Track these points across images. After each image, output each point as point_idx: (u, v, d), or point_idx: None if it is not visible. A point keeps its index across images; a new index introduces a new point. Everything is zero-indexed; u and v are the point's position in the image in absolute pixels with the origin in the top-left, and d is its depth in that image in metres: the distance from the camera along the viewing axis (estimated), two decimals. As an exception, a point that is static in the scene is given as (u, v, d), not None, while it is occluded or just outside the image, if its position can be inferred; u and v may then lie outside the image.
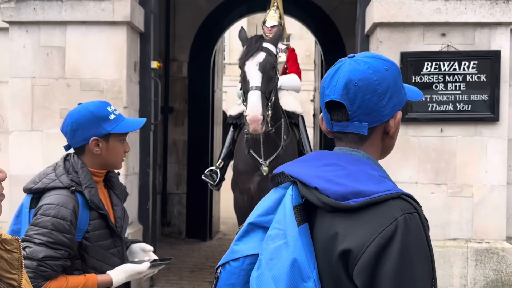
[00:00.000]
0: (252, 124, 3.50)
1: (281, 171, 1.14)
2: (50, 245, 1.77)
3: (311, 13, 7.62)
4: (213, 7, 7.57)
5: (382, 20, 4.34)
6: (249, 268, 1.11)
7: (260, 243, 1.10)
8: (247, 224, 1.13)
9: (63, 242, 1.79)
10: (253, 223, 1.13)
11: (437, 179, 4.34)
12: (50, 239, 1.77)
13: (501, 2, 4.33)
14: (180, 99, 7.61)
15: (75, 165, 1.92)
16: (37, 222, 1.80)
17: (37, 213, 1.82)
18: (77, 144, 1.94)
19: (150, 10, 4.92)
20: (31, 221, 1.84)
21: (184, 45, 7.62)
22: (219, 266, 1.14)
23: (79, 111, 1.93)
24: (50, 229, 1.78)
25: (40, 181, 1.89)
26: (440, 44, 4.36)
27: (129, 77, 4.68)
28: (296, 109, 5.04)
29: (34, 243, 1.77)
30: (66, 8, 4.57)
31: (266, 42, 3.86)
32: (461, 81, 4.33)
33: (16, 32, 4.64)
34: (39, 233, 1.78)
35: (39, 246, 1.77)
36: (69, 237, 1.81)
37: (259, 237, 1.12)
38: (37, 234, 1.78)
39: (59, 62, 4.61)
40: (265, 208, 1.14)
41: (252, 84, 3.64)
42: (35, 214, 1.83)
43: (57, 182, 1.87)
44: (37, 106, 4.63)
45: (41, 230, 1.78)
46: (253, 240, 1.12)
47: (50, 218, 1.79)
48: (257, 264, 1.09)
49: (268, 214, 1.12)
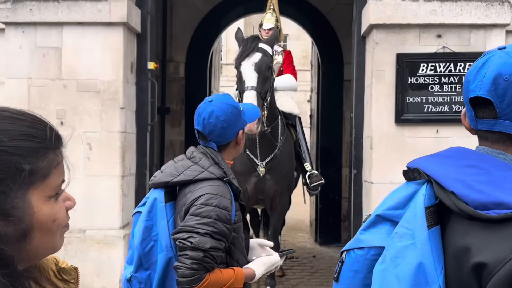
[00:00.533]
0: (249, 124, 3.52)
1: (416, 167, 1.07)
2: (214, 235, 1.75)
3: (307, 14, 7.64)
4: (210, 8, 7.58)
5: (378, 22, 4.36)
6: (373, 259, 1.09)
7: (386, 236, 1.07)
8: (375, 216, 1.12)
9: (225, 233, 1.78)
10: (381, 215, 1.10)
11: (433, 180, 4.35)
12: (214, 229, 1.75)
13: (496, 4, 4.35)
14: (177, 100, 7.61)
15: (215, 157, 1.91)
16: (199, 212, 1.76)
17: (196, 203, 1.78)
18: (226, 140, 1.95)
19: (146, 11, 4.92)
20: (169, 216, 1.82)
21: (181, 46, 7.62)
22: (344, 251, 1.15)
23: (225, 109, 1.91)
24: (214, 219, 1.76)
25: (181, 173, 1.86)
26: (436, 46, 4.39)
27: (126, 78, 4.68)
28: (293, 110, 5.06)
29: (199, 233, 1.73)
30: (63, 8, 4.56)
31: (262, 42, 3.88)
32: (456, 82, 4.35)
33: (12, 33, 4.64)
34: (203, 223, 1.75)
35: (204, 236, 1.73)
36: (229, 227, 1.80)
37: (386, 230, 1.09)
38: (201, 224, 1.74)
39: (55, 63, 4.61)
40: (395, 202, 1.10)
41: (248, 84, 3.66)
42: (192, 205, 1.79)
43: (207, 173, 1.85)
44: (34, 107, 4.62)
45: (205, 220, 1.75)
46: (379, 232, 1.10)
47: (213, 208, 1.77)
48: (381, 258, 1.06)
49: (398, 209, 1.08)
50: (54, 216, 0.79)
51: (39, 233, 0.77)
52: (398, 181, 4.40)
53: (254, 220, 5.83)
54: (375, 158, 4.37)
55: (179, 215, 1.88)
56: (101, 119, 4.58)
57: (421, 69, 4.36)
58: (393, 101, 4.40)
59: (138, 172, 4.89)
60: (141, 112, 4.88)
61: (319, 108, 7.72)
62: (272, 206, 4.54)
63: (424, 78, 4.37)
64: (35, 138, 0.77)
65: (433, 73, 4.36)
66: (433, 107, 4.37)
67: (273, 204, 4.52)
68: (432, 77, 4.37)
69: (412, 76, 4.36)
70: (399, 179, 4.32)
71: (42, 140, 0.78)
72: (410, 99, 4.37)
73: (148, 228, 1.87)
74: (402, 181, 2.84)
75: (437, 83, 4.36)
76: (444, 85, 4.36)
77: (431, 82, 4.36)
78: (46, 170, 0.77)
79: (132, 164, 4.83)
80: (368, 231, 1.12)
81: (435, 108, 4.37)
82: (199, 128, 1.95)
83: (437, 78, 4.36)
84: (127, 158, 4.66)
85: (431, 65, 4.35)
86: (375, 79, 4.44)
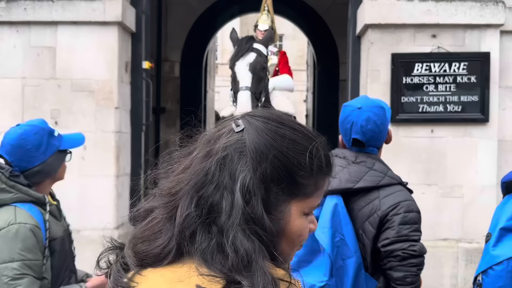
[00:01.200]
0: None
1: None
2: (420, 238, 1.84)
3: (303, 13, 7.65)
4: (205, 7, 7.57)
5: (373, 22, 4.36)
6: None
7: None
8: (499, 230, 1.18)
9: None
10: (504, 227, 1.18)
11: (427, 179, 4.36)
12: (420, 233, 1.84)
13: (490, 4, 4.36)
14: (172, 100, 7.60)
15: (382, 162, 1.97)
16: (407, 220, 1.83)
17: (399, 211, 1.83)
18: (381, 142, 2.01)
19: (141, 10, 4.90)
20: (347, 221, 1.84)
21: (176, 45, 7.61)
22: (479, 274, 1.19)
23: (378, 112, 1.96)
24: (419, 224, 1.84)
25: (361, 179, 1.88)
26: (430, 46, 4.39)
27: (120, 77, 4.66)
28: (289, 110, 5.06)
29: (415, 241, 1.82)
30: (57, 8, 4.54)
31: (256, 43, 3.87)
32: (451, 82, 4.36)
33: (6, 32, 4.61)
34: (414, 230, 1.83)
35: (419, 242, 1.83)
36: None
37: None
38: (413, 231, 1.83)
39: (49, 62, 4.58)
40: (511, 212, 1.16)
41: (242, 85, 3.67)
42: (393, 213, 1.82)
43: (388, 178, 1.90)
44: (28, 106, 4.60)
45: (414, 226, 1.83)
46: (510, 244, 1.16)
47: (415, 214, 1.85)
48: None
49: None
50: (301, 231, 0.86)
51: (285, 241, 0.84)
52: (393, 181, 4.12)
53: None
54: (370, 158, 4.37)
55: (367, 221, 1.88)
56: (96, 118, 4.56)
57: (416, 69, 4.36)
58: (388, 101, 4.40)
59: (133, 172, 4.87)
60: (136, 112, 4.86)
61: (315, 108, 7.73)
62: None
63: (419, 78, 4.38)
64: (315, 159, 0.85)
65: (428, 73, 4.37)
66: (428, 107, 4.38)
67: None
68: (427, 77, 4.38)
69: (407, 76, 4.37)
70: (394, 179, 4.09)
71: (320, 163, 0.86)
72: (405, 99, 4.38)
73: (332, 234, 1.87)
74: (396, 181, 2.72)
75: (432, 83, 4.37)
76: (439, 85, 4.37)
77: (426, 82, 4.37)
78: (311, 190, 0.85)
79: (127, 164, 4.81)
80: (498, 246, 1.17)
81: (430, 108, 4.38)
82: (358, 136, 1.95)
83: (432, 78, 4.37)
84: (122, 158, 4.64)
85: (426, 65, 4.36)
86: (370, 79, 4.45)
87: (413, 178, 4.39)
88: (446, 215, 4.34)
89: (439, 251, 4.33)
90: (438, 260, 4.32)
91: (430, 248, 4.31)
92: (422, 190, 4.36)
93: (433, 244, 4.36)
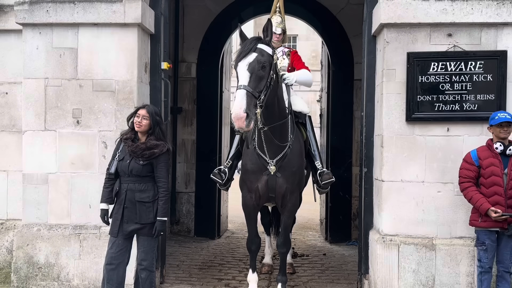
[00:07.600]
0: (236, 122, 3.60)
1: None
2: None
3: (317, 14, 7.68)
4: (220, 9, 7.65)
5: (389, 21, 4.39)
6: None
7: None
8: None
9: None
10: None
11: (443, 178, 4.38)
12: None
13: (507, 3, 4.36)
14: (189, 100, 7.70)
15: None
16: None
17: None
18: None
19: (160, 12, 5.00)
20: None
21: (192, 46, 7.70)
22: None
23: None
24: None
25: None
26: (446, 45, 4.41)
27: (140, 77, 4.76)
28: (303, 109, 5.11)
29: None
30: (78, 10, 4.66)
31: (261, 43, 3.91)
32: (467, 81, 4.37)
33: (29, 34, 4.74)
34: None
35: None
36: None
37: None
38: None
39: (71, 63, 4.71)
40: None
41: (240, 83, 3.73)
42: None
43: None
44: (50, 106, 4.73)
45: None
46: None
47: None
48: None
49: None
50: None
51: None
52: (410, 179, 4.48)
53: (265, 219, 5.88)
54: (386, 156, 4.40)
55: None
56: (116, 118, 4.66)
57: (432, 68, 4.38)
58: (404, 100, 4.43)
59: (152, 170, 4.95)
60: (155, 111, 4.94)
61: (329, 108, 7.76)
62: (283, 203, 4.59)
63: (435, 77, 4.40)
64: None
65: (443, 72, 4.39)
66: (444, 105, 4.39)
67: (284, 202, 4.57)
68: (443, 76, 4.39)
69: (423, 75, 4.39)
70: (410, 177, 4.40)
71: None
72: (421, 97, 4.40)
73: None
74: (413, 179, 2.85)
75: (448, 81, 4.38)
76: (455, 84, 4.38)
77: (442, 81, 4.39)
78: None
79: (146, 162, 4.90)
80: None
81: (446, 107, 4.39)
82: None
83: (448, 77, 4.39)
84: (141, 157, 4.72)
85: (442, 64, 4.37)
86: (385, 78, 4.48)
87: (429, 176, 4.42)
88: (461, 213, 4.35)
89: (455, 249, 4.34)
90: (454, 258, 4.33)
91: (446, 246, 4.35)
92: (438, 189, 4.38)
93: (449, 242, 4.38)
